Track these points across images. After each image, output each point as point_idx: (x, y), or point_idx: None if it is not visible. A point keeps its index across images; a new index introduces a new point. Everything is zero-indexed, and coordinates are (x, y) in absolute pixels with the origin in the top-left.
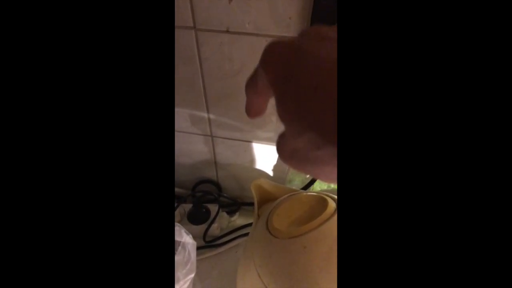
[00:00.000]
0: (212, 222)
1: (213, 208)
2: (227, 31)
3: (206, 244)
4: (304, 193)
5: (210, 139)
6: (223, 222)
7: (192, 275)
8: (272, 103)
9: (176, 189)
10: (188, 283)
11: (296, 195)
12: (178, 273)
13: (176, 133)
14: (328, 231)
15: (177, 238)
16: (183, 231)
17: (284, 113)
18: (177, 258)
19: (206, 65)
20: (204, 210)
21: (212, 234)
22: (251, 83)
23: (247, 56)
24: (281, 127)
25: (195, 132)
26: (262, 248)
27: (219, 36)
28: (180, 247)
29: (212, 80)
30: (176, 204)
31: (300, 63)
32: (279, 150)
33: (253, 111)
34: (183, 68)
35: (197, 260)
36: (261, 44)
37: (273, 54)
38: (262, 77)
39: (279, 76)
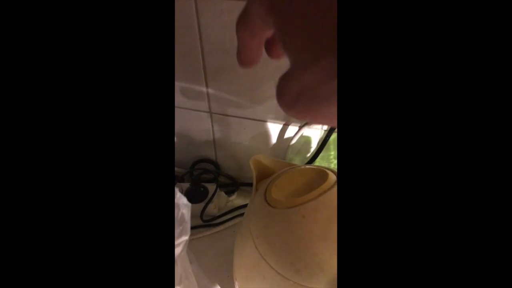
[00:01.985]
0: (210, 200)
1: (211, 187)
2: None
3: (203, 223)
4: (304, 166)
5: (209, 116)
6: (221, 201)
7: (186, 238)
8: (270, 70)
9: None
10: (181, 246)
11: (296, 168)
12: None
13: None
14: (328, 201)
15: None
16: (177, 190)
17: (290, 42)
18: None
19: (206, 35)
20: (202, 189)
21: (209, 213)
22: (243, 20)
23: None
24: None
25: (194, 108)
26: (260, 219)
27: (219, 3)
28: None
29: (211, 51)
30: None
31: None
32: (281, 94)
33: (245, 56)
34: (182, 38)
35: (194, 239)
36: None
37: None
38: (257, 8)
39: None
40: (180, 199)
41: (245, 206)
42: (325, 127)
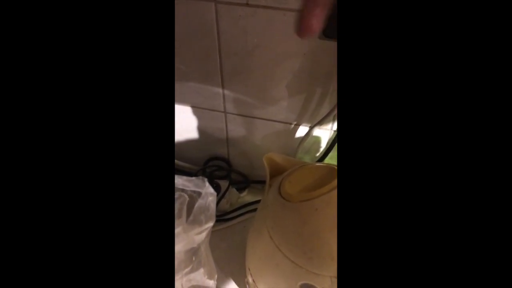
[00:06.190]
0: (222, 196)
1: (223, 184)
2: (247, 4)
3: (216, 218)
4: (315, 164)
5: (224, 115)
6: (232, 197)
7: (211, 224)
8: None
9: (187, 165)
10: (206, 232)
11: (308, 165)
12: (201, 217)
13: (190, 109)
14: None
15: (199, 189)
16: (206, 181)
17: None
18: (201, 202)
19: (224, 39)
20: (214, 185)
21: (222, 208)
22: None
23: (264, 30)
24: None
25: (210, 107)
26: (274, 211)
27: (238, 10)
28: (203, 194)
29: (228, 55)
30: None
31: None
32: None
33: (307, 23)
34: (201, 42)
35: None
36: (279, 18)
37: None
38: None
39: None
40: (208, 189)
41: (255, 202)
42: (335, 128)
